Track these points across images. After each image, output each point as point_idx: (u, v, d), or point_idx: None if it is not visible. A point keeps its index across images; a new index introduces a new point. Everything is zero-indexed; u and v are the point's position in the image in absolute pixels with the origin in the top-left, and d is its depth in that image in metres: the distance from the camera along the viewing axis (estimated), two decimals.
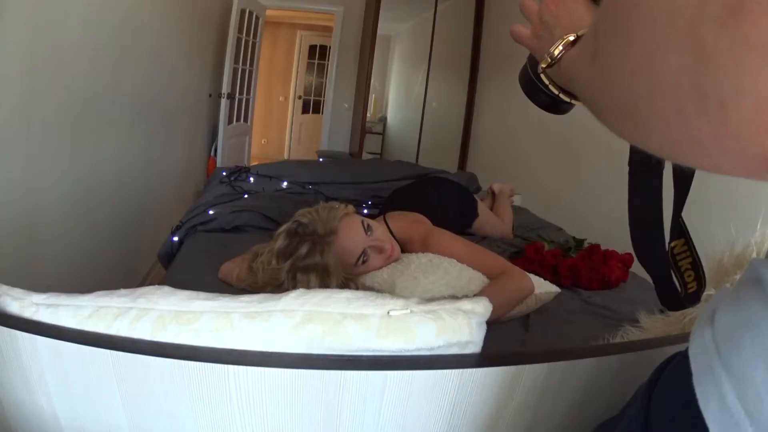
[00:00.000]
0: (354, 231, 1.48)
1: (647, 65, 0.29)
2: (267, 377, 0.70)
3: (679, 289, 0.59)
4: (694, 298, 0.60)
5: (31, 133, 1.82)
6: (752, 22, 0.24)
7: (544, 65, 0.53)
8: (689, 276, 0.59)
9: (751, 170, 0.28)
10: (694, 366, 0.38)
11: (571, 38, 0.49)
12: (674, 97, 0.28)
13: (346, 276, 1.43)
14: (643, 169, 0.54)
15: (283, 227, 1.48)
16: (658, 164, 0.53)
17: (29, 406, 0.76)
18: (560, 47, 0.50)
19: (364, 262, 1.48)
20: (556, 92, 0.55)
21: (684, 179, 0.55)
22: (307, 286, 1.36)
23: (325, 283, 1.37)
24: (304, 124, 9.00)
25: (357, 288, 1.42)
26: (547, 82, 0.55)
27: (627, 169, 0.55)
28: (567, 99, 0.56)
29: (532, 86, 0.58)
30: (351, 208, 1.57)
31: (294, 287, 1.37)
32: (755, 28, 0.24)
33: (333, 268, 1.39)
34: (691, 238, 0.59)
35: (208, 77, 4.83)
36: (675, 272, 0.60)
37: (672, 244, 0.59)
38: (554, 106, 0.59)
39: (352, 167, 3.24)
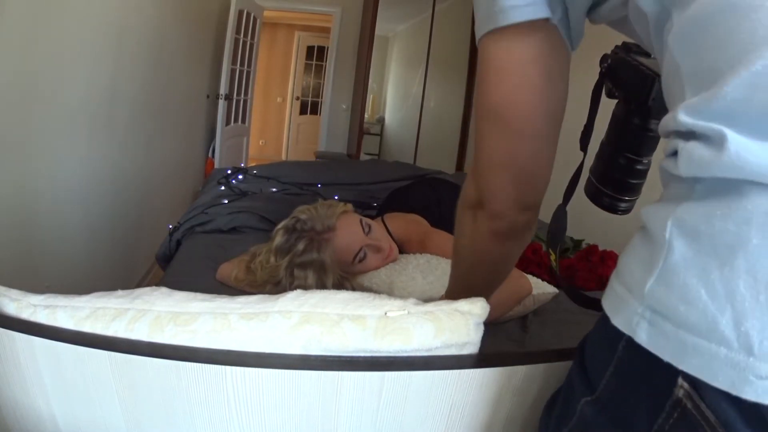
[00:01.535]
0: (352, 229, 1.48)
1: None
2: (264, 378, 0.70)
3: None
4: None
5: (29, 134, 1.82)
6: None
7: None
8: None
9: (495, 242, 0.80)
10: (605, 291, 0.54)
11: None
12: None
13: (342, 274, 1.42)
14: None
15: (282, 223, 1.48)
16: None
17: (27, 407, 0.75)
18: None
19: (361, 260, 1.48)
20: None
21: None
22: (305, 283, 1.37)
23: (321, 280, 1.37)
24: (302, 125, 9.00)
25: (353, 287, 1.42)
26: None
27: None
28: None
29: (596, 193, 0.85)
30: (350, 206, 1.57)
31: (291, 284, 1.38)
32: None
33: (330, 264, 1.39)
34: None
35: (206, 78, 4.82)
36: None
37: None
38: (614, 208, 0.84)
39: (350, 168, 3.23)
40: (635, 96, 0.75)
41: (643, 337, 0.46)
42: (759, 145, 0.41)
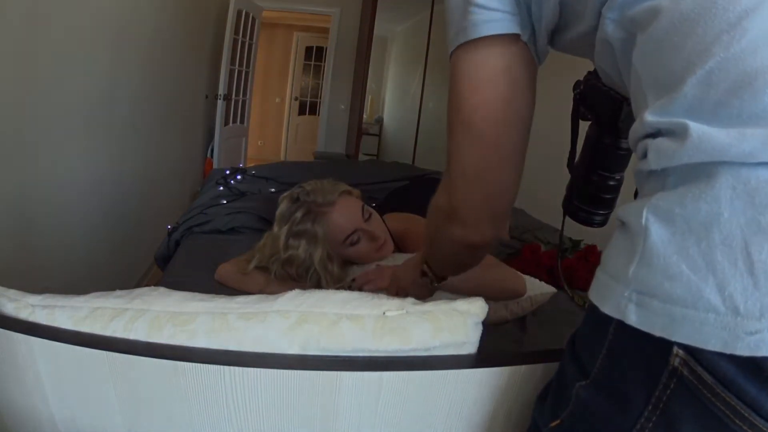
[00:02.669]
0: (351, 209, 1.49)
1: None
2: (263, 378, 0.70)
3: None
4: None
5: (28, 135, 1.81)
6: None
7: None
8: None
9: (458, 249, 0.85)
10: (591, 285, 0.57)
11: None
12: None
13: (330, 253, 1.43)
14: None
15: (288, 192, 1.52)
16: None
17: (25, 407, 0.75)
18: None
19: (353, 244, 1.47)
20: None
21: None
22: (296, 252, 1.40)
23: (309, 252, 1.40)
24: (301, 125, 8.99)
25: (339, 272, 1.43)
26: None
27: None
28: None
29: (573, 208, 0.92)
30: (357, 191, 1.59)
31: (288, 256, 1.39)
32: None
33: (320, 238, 1.41)
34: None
35: (205, 78, 4.82)
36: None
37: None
38: (589, 221, 0.91)
39: (348, 168, 3.23)
40: (606, 118, 0.81)
41: (632, 318, 0.49)
42: (717, 130, 0.45)
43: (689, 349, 0.46)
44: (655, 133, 0.51)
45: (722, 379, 0.45)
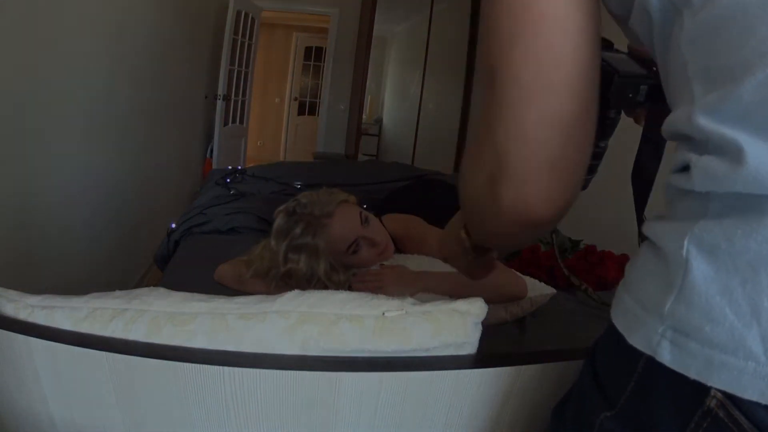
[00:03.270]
0: (349, 218, 1.48)
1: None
2: (262, 379, 0.70)
3: None
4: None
5: (27, 136, 1.81)
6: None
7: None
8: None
9: (511, 227, 0.58)
10: (611, 308, 0.54)
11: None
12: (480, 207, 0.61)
13: (334, 264, 1.42)
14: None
15: (283, 206, 1.49)
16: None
17: (24, 407, 0.75)
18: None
19: (354, 252, 1.47)
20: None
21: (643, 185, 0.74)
22: (296, 266, 1.38)
23: (312, 266, 1.38)
24: (300, 125, 8.99)
25: (346, 279, 1.42)
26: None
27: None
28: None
29: None
30: (353, 198, 1.58)
31: (287, 270, 1.38)
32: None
33: (323, 251, 1.40)
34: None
35: (204, 79, 4.82)
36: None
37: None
38: None
39: (348, 169, 3.23)
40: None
41: (666, 357, 0.46)
42: None
43: (727, 393, 0.43)
44: (702, 145, 0.46)
45: (759, 424, 0.43)
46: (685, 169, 0.47)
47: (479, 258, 0.79)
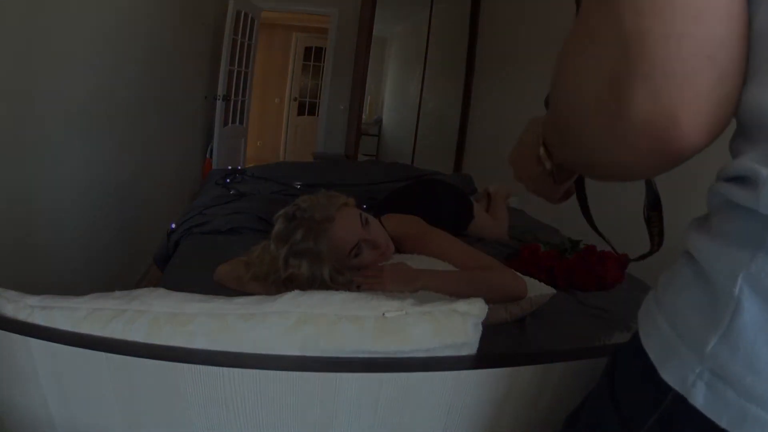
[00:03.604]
0: (350, 221, 1.48)
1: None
2: (262, 379, 0.70)
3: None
4: (646, 255, 0.68)
5: (27, 136, 1.81)
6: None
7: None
8: (656, 241, 0.66)
9: (650, 149, 0.40)
10: (640, 319, 0.49)
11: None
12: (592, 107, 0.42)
13: (337, 267, 1.42)
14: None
15: (282, 210, 1.48)
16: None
17: (24, 408, 0.75)
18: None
19: (356, 255, 1.47)
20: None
21: None
22: (298, 271, 1.37)
23: (314, 271, 1.37)
24: (300, 125, 8.99)
25: (349, 279, 1.41)
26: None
27: None
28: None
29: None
30: (352, 200, 1.57)
31: (288, 275, 1.38)
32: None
33: (325, 255, 1.39)
34: (662, 211, 0.65)
35: (204, 79, 4.82)
36: (649, 235, 0.66)
37: (650, 214, 0.65)
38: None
39: (347, 169, 3.23)
40: None
41: (699, 400, 0.42)
42: None
43: None
44: None
45: None
46: (743, 180, 0.39)
47: (559, 181, 0.67)
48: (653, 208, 0.64)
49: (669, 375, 0.44)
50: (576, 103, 0.45)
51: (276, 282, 1.42)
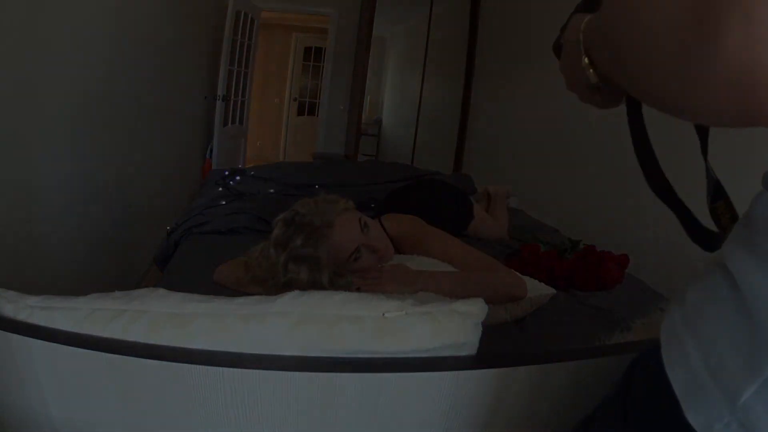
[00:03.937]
0: (350, 226, 1.47)
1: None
2: (262, 379, 0.70)
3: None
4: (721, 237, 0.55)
5: (27, 136, 1.81)
6: None
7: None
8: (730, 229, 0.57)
9: (732, 100, 0.30)
10: (663, 339, 0.43)
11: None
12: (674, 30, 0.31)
13: (337, 271, 1.42)
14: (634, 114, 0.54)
15: (281, 215, 1.48)
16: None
17: (24, 408, 0.75)
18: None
19: (356, 259, 1.47)
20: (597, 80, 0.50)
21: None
22: (297, 277, 1.36)
23: (314, 277, 1.37)
24: (300, 126, 8.99)
25: (348, 282, 1.41)
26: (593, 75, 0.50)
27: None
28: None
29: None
30: (351, 203, 1.57)
31: (287, 280, 1.37)
32: None
33: (325, 261, 1.39)
34: (729, 197, 0.54)
35: (204, 79, 4.82)
36: (718, 227, 0.54)
37: (715, 205, 0.54)
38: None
39: (347, 169, 3.23)
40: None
41: None
42: None
43: None
44: None
45: None
46: None
47: (606, 102, 0.55)
48: (717, 197, 0.53)
49: (693, 416, 0.39)
50: (641, 21, 0.35)
51: (275, 286, 1.42)
